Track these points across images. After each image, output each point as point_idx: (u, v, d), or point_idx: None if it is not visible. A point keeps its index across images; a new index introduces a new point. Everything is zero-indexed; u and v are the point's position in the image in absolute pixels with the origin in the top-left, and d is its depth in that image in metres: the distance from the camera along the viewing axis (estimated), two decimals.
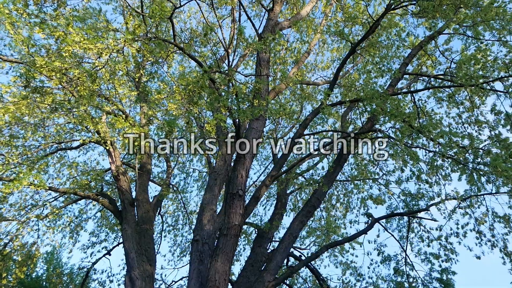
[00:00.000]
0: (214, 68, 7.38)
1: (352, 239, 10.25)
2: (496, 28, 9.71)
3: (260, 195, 8.07)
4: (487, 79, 9.46)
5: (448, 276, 10.42)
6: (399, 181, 9.91)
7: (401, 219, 10.66)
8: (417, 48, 9.98)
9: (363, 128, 8.56)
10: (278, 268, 8.04)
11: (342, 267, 12.09)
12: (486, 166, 8.24)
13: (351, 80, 10.78)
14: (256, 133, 7.88)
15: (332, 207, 11.62)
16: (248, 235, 12.21)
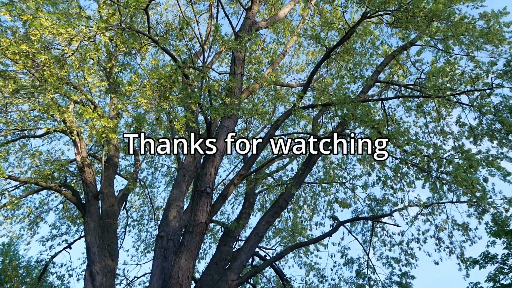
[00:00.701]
0: (188, 63, 7.29)
1: (317, 241, 10.40)
2: (465, 43, 10.08)
3: (228, 193, 8.04)
4: (454, 91, 9.81)
5: (407, 280, 10.71)
6: (365, 186, 10.13)
7: (365, 223, 10.88)
8: (389, 57, 10.22)
9: (333, 132, 8.68)
10: (243, 267, 8.03)
11: (306, 268, 12.24)
12: (448, 175, 8.53)
13: (324, 84, 10.92)
14: (227, 131, 7.85)
15: (299, 209, 11.74)
16: (215, 233, 12.16)
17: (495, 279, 14.32)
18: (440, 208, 10.06)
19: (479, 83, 9.93)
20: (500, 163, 9.59)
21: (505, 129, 9.68)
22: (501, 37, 9.96)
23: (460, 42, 10.09)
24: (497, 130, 9.87)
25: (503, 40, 9.96)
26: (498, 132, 9.86)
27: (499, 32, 9.98)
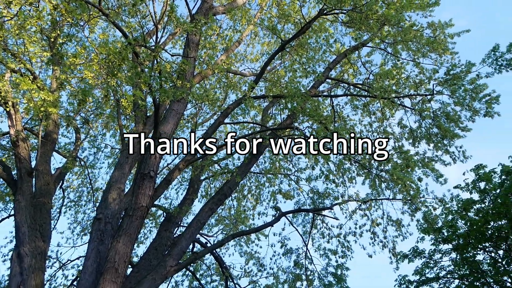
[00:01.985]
0: (140, 41, 7.01)
1: (259, 230, 10.52)
2: (412, 49, 10.57)
3: (172, 178, 7.90)
4: (399, 94, 10.29)
5: (342, 271, 11.17)
6: (309, 179, 10.38)
7: (306, 215, 11.16)
8: (342, 55, 10.49)
9: (282, 124, 8.78)
10: (182, 253, 7.96)
11: (246, 257, 12.37)
12: (386, 173, 8.95)
13: (277, 76, 11.00)
14: (176, 115, 7.68)
15: (243, 198, 11.80)
16: (156, 218, 11.93)
17: (421, 272, 15.34)
18: (377, 204, 10.54)
19: (422, 88, 10.48)
20: (434, 165, 10.24)
21: (441, 134, 10.32)
22: (444, 47, 10.54)
23: (408, 48, 10.57)
24: (434, 134, 10.50)
25: (446, 50, 10.56)
26: (435, 136, 10.49)
27: (443, 42, 10.56)
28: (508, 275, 13.55)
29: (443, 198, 10.07)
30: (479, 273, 14.03)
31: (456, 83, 9.98)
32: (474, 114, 10.14)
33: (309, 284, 11.07)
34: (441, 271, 15.19)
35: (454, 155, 10.43)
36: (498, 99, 9.98)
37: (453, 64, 10.19)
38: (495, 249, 14.19)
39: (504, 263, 13.90)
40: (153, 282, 7.22)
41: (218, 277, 12.73)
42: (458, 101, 10.11)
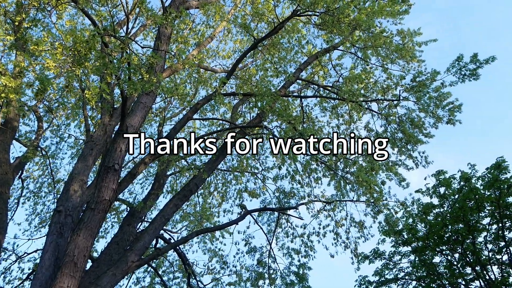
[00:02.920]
0: (110, 31, 6.83)
1: (223, 228, 10.51)
2: (381, 55, 10.82)
3: (138, 172, 7.76)
4: (367, 98, 10.51)
5: (304, 271, 11.30)
6: (276, 178, 10.44)
7: (272, 214, 11.22)
8: (313, 57, 10.60)
9: (251, 122, 8.79)
10: (145, 249, 7.84)
11: (210, 254, 12.32)
12: (351, 175, 9.13)
13: (248, 74, 11.00)
14: (144, 108, 7.55)
15: (209, 195, 11.74)
16: (119, 212, 11.69)
17: (381, 273, 15.77)
18: (342, 205, 10.73)
19: (389, 93, 10.76)
20: (398, 169, 10.53)
21: (405, 139, 10.62)
22: (412, 54, 10.85)
23: (377, 54, 10.82)
24: (399, 139, 10.79)
25: (414, 57, 10.87)
26: (399, 140, 10.78)
27: (411, 50, 10.86)
28: (462, 278, 14.13)
29: (405, 202, 10.35)
30: (435, 275, 14.56)
31: (422, 90, 10.29)
32: (437, 121, 10.49)
33: (271, 283, 11.14)
34: (400, 272, 15.67)
35: (417, 160, 10.75)
36: (460, 107, 10.37)
37: (419, 71, 10.50)
38: (451, 252, 14.76)
39: (459, 266, 14.49)
40: (113, 278, 7.07)
41: (180, 274, 12.62)
42: (422, 107, 10.43)
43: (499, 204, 13.19)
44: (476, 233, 13.98)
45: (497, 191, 13.27)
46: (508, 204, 13.31)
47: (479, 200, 13.42)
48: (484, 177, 13.78)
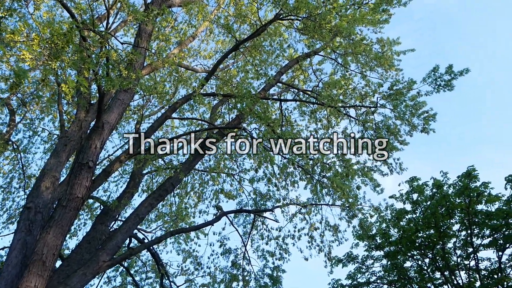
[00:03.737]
0: (89, 25, 6.70)
1: (199, 228, 10.44)
2: (361, 62, 10.99)
3: (113, 170, 7.63)
4: (345, 104, 10.65)
5: (278, 273, 11.34)
6: (252, 180, 10.44)
7: (247, 216, 11.21)
8: (294, 61, 10.68)
9: (230, 124, 8.77)
10: (117, 248, 7.70)
11: (184, 255, 12.21)
12: (328, 180, 9.22)
13: (229, 75, 10.98)
14: (121, 105, 7.43)
15: (185, 195, 11.63)
16: (92, 210, 11.45)
17: (353, 277, 15.99)
18: (317, 209, 10.80)
19: (367, 100, 10.92)
20: (373, 175, 10.69)
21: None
22: (391, 63, 11.06)
23: (357, 61, 10.98)
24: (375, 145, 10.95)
25: (392, 66, 11.08)
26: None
27: (390, 58, 11.08)
28: (432, 282, 14.48)
29: (379, 207, 10.51)
30: (406, 279, 14.87)
31: (398, 99, 10.49)
32: (413, 129, 10.71)
33: (245, 285, 11.12)
34: (372, 276, 15.93)
35: (391, 166, 10.93)
36: (435, 117, 10.62)
37: (397, 80, 10.70)
38: (422, 257, 15.11)
39: (429, 271, 14.84)
40: (83, 277, 6.92)
41: (153, 274, 12.46)
42: (399, 115, 10.63)
43: (468, 211, 13.59)
44: (446, 239, 14.36)
45: (467, 199, 13.66)
46: (477, 211, 13.72)
47: (450, 207, 13.79)
48: (455, 185, 14.17)
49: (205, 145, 8.64)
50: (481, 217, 13.76)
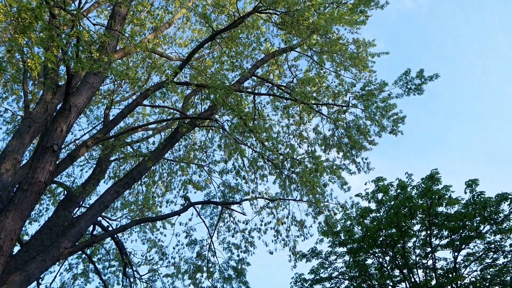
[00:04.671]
0: (60, 3, 6.44)
1: (165, 218, 10.33)
2: (336, 61, 11.10)
3: (78, 155, 7.41)
4: (318, 101, 10.75)
5: (242, 266, 11.39)
6: (222, 172, 10.41)
7: (215, 208, 11.18)
8: (270, 55, 10.67)
9: (202, 114, 8.68)
10: (80, 235, 7.52)
11: (149, 244, 12.07)
12: (296, 175, 9.30)
13: (203, 66, 10.85)
14: (91, 88, 7.20)
15: (153, 184, 11.47)
16: (55, 196, 11.12)
17: (316, 272, 16.27)
18: (285, 204, 10.90)
19: (339, 99, 11.07)
20: (341, 173, 10.87)
21: (351, 144, 10.99)
22: (365, 64, 11.23)
23: (332, 59, 11.09)
24: (345, 144, 11.14)
25: (366, 67, 11.25)
26: (345, 145, 11.14)
27: (364, 59, 11.23)
28: (391, 279, 14.93)
29: (345, 204, 10.71)
30: (366, 275, 15.26)
31: (370, 99, 10.69)
32: (382, 130, 10.95)
33: (209, 276, 11.12)
34: (334, 271, 16.26)
35: (359, 165, 11.15)
36: (403, 119, 10.88)
37: (369, 81, 10.88)
38: (383, 255, 15.54)
39: (389, 268, 15.29)
40: (42, 264, 6.72)
41: (117, 263, 12.27)
42: (369, 116, 10.84)
43: (429, 212, 14.06)
44: (406, 238, 14.81)
45: (428, 201, 14.13)
46: (437, 213, 14.22)
47: (412, 208, 14.22)
48: (419, 187, 14.62)
49: (176, 135, 8.54)
50: (440, 218, 14.28)
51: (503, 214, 13.31)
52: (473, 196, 13.91)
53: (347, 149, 11.11)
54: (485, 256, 14.03)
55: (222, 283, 11.30)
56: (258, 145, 8.88)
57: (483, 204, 13.39)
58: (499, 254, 13.73)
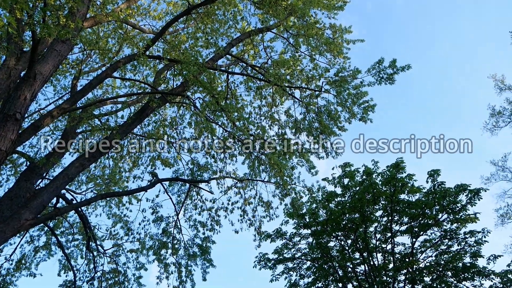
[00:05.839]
0: None
1: (131, 193, 10.24)
2: (311, 45, 11.11)
3: (43, 125, 7.16)
4: (291, 84, 10.78)
5: (207, 244, 11.49)
6: (191, 149, 10.36)
7: (183, 185, 11.16)
8: (246, 34, 10.55)
9: (173, 90, 8.54)
10: (43, 207, 7.34)
11: (114, 219, 11.96)
12: (266, 156, 9.37)
13: (177, 40, 10.61)
14: (58, 56, 6.92)
15: (120, 158, 11.28)
16: (17, 166, 10.77)
17: (280, 252, 16.60)
18: (252, 184, 10.99)
19: (312, 83, 11.12)
20: (310, 157, 11.02)
21: (321, 129, 11.12)
22: (340, 50, 11.29)
23: (308, 43, 11.09)
24: (315, 128, 11.27)
25: (341, 53, 11.33)
26: (315, 130, 11.26)
27: (339, 45, 11.29)
28: (351, 262, 15.45)
29: (311, 188, 10.91)
30: (328, 257, 15.72)
31: (342, 86, 10.79)
32: (352, 117, 11.12)
33: (173, 253, 11.17)
34: (297, 252, 16.64)
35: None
36: (374, 107, 11.07)
37: (343, 67, 10.97)
38: (345, 238, 16.01)
39: (350, 251, 15.80)
40: (1, 235, 6.55)
41: (80, 237, 12.13)
42: (341, 102, 10.97)
43: (392, 199, 14.54)
44: (368, 223, 15.30)
45: (392, 188, 14.59)
46: (399, 200, 14.73)
47: (376, 194, 14.66)
48: (384, 174, 15.05)
49: (146, 110, 8.38)
50: (402, 206, 14.80)
51: (460, 204, 13.94)
52: (434, 185, 14.47)
53: (317, 133, 11.23)
54: (441, 243, 14.71)
55: (186, 260, 11.40)
56: (229, 125, 8.85)
57: (442, 194, 13.96)
58: (453, 241, 14.43)
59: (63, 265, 11.61)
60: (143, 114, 8.31)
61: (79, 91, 7.54)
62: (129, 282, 11.60)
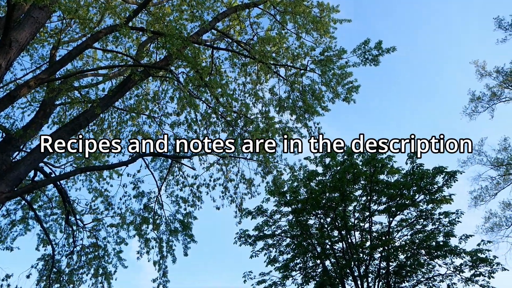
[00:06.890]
0: None
1: (112, 168, 10.12)
2: (298, 23, 10.98)
3: (19, 95, 6.92)
4: (277, 62, 10.68)
5: (189, 220, 11.52)
6: (173, 124, 10.23)
7: (165, 161, 11.08)
8: (232, 9, 10.33)
9: (157, 64, 8.35)
10: (19, 180, 7.19)
11: (95, 194, 11.83)
12: (248, 134, 9.34)
13: (162, 12, 10.30)
14: (35, 24, 6.65)
15: (101, 132, 11.07)
16: None
17: (260, 229, 16.83)
18: (235, 161, 10.98)
19: (298, 62, 11.04)
20: (293, 135, 11.03)
21: (304, 108, 11.11)
22: (326, 29, 11.19)
23: (294, 21, 10.94)
24: (299, 107, 11.25)
25: (327, 32, 11.23)
26: (299, 109, 11.25)
27: (326, 25, 11.18)
28: (329, 239, 15.79)
29: (293, 166, 10.98)
30: (307, 235, 16.02)
31: (327, 65, 10.75)
32: (335, 97, 11.13)
33: (154, 228, 11.17)
34: (278, 229, 16.91)
35: (311, 129, 11.34)
36: (357, 88, 11.10)
37: (329, 46, 10.90)
38: (324, 217, 16.31)
39: (329, 229, 16.13)
40: None
41: (59, 211, 11.98)
42: (325, 81, 10.95)
43: (371, 179, 14.82)
44: (348, 202, 15.60)
45: (372, 168, 14.84)
46: (378, 180, 15.02)
47: (356, 174, 14.89)
48: (364, 155, 15.26)
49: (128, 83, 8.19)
50: (381, 186, 15.10)
51: (437, 186, 14.30)
52: (412, 167, 14.77)
53: (300, 112, 11.22)
54: (416, 223, 15.14)
55: (168, 235, 11.42)
56: (212, 101, 8.74)
57: (420, 175, 14.29)
58: (428, 221, 14.87)
59: (42, 239, 11.50)
60: (125, 88, 8.13)
61: (58, 61, 7.29)
62: (109, 257, 11.60)
